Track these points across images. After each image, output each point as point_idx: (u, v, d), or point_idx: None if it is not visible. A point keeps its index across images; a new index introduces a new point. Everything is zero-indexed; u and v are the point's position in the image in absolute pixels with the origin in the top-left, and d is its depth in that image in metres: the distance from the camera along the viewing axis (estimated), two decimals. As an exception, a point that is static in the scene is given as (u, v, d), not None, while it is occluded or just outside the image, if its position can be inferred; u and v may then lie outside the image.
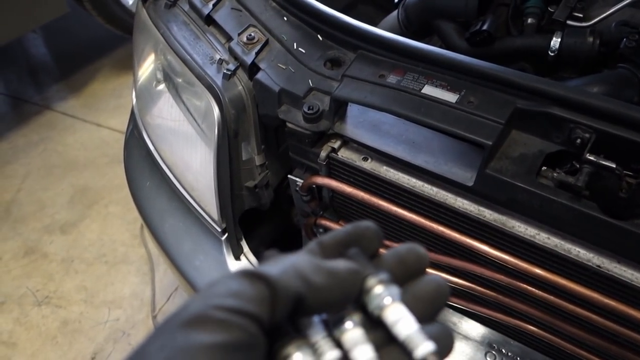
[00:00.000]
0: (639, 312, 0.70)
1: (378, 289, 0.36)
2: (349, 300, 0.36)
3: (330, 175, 0.92)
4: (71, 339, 1.90)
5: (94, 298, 2.02)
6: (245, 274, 0.33)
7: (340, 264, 0.36)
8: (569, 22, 1.00)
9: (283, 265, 0.34)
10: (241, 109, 0.96)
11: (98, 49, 3.21)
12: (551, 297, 0.79)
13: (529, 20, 1.06)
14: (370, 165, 0.88)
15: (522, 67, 1.03)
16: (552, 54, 0.95)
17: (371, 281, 0.36)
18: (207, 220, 1.07)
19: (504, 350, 0.92)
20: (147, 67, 1.28)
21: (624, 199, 0.72)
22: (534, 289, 0.80)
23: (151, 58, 1.25)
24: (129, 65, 1.28)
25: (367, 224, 0.40)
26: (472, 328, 0.95)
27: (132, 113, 1.39)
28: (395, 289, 0.36)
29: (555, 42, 0.97)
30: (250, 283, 0.32)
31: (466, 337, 0.94)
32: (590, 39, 0.95)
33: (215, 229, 1.05)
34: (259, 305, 0.32)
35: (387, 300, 0.36)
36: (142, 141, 1.29)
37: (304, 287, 0.34)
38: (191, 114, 1.12)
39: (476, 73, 0.79)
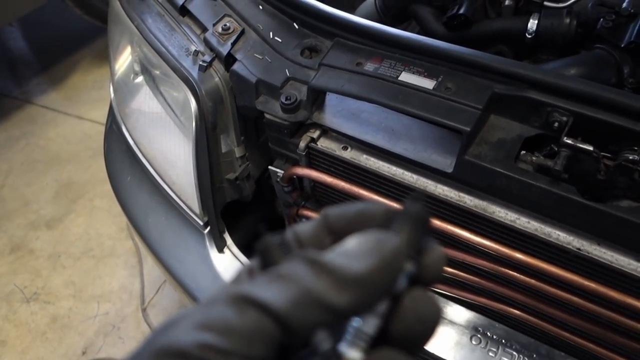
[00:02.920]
0: (619, 293, 0.71)
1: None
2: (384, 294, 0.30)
3: (310, 165, 0.92)
4: (61, 335, 1.90)
5: (82, 293, 2.01)
6: (247, 301, 0.27)
7: (363, 261, 0.29)
8: (546, 3, 0.99)
9: (294, 290, 0.27)
10: (218, 101, 0.95)
11: (77, 40, 3.17)
12: (533, 281, 0.79)
13: (506, 2, 1.05)
14: (350, 154, 0.87)
15: (500, 50, 1.02)
16: (530, 36, 0.94)
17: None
18: (188, 214, 1.06)
19: (488, 334, 0.93)
20: (124, 60, 1.26)
21: (602, 181, 0.72)
22: (516, 274, 0.80)
23: (127, 50, 1.23)
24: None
25: (378, 203, 0.35)
26: (457, 313, 0.95)
27: (111, 106, 1.37)
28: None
29: (533, 24, 0.97)
30: (255, 317, 0.27)
31: (451, 322, 0.95)
32: (567, 20, 0.94)
33: (198, 222, 1.04)
34: (262, 349, 0.26)
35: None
36: (121, 135, 1.27)
37: (325, 315, 0.27)
38: (169, 106, 1.10)
39: (453, 58, 0.79)
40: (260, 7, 0.98)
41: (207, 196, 1.00)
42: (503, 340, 0.92)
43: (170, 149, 1.10)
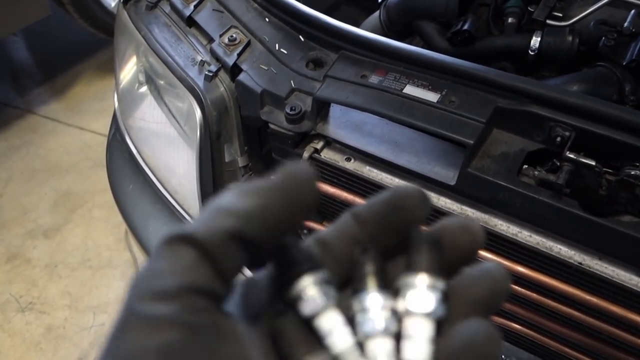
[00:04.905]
0: (620, 308, 0.71)
1: (310, 291, 0.30)
2: (293, 216, 0.30)
3: (313, 176, 0.92)
4: (56, 345, 1.88)
5: (78, 303, 2.00)
6: (165, 243, 0.28)
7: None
8: (548, 21, 1.01)
9: (207, 210, 0.29)
10: (223, 111, 0.96)
11: (80, 52, 3.18)
12: (534, 295, 0.79)
13: (510, 20, 1.06)
14: (353, 166, 0.88)
15: (503, 66, 1.03)
16: (533, 53, 0.96)
17: (305, 281, 0.31)
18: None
19: (488, 349, 0.92)
20: (129, 70, 1.27)
21: (604, 196, 0.73)
22: (517, 287, 0.80)
23: (133, 60, 1.24)
24: (111, 68, 1.27)
25: (410, 188, 0.33)
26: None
27: (114, 116, 1.37)
28: (331, 291, 0.31)
29: (535, 41, 0.98)
30: (172, 252, 0.28)
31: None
32: (570, 38, 0.96)
33: (199, 231, 1.04)
34: (191, 275, 0.27)
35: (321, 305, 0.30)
36: (124, 144, 1.28)
37: (234, 220, 0.28)
38: (173, 116, 1.11)
39: (457, 72, 0.80)
40: (267, 19, 0.99)
41: (209, 205, 1.00)
42: (503, 356, 0.92)
43: (173, 158, 1.10)
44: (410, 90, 0.81)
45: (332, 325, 0.30)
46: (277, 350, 0.30)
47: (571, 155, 0.70)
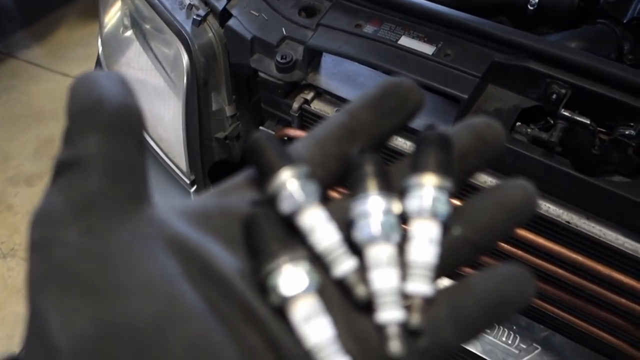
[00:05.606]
0: (605, 268, 0.71)
1: (290, 186, 0.27)
2: None
3: (302, 127, 0.91)
4: (38, 292, 1.88)
5: (61, 251, 1.98)
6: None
7: None
8: (549, -24, 0.98)
9: None
10: (211, 57, 0.93)
11: (63, -5, 3.08)
12: (520, 253, 0.79)
13: (509, -26, 1.03)
14: (343, 118, 0.86)
15: (500, 21, 1.01)
16: (532, 8, 0.93)
17: (283, 175, 0.27)
18: (175, 172, 1.05)
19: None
20: (114, 13, 1.22)
21: (596, 156, 0.72)
22: (503, 244, 0.80)
23: (118, 4, 1.20)
24: (96, 14, 1.22)
25: (401, 77, 0.30)
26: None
27: (98, 61, 1.33)
28: (314, 187, 0.28)
29: (535, -5, 0.95)
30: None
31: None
32: (570, -6, 0.93)
33: (184, 180, 1.03)
34: None
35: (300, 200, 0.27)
36: (108, 90, 1.24)
37: None
38: (160, 63, 1.08)
39: (454, 24, 0.78)
40: (259, -37, 0.95)
41: (196, 154, 0.98)
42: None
43: (158, 105, 1.07)
44: (405, 41, 0.79)
45: (314, 221, 0.27)
46: (249, 250, 0.27)
47: (566, 113, 0.69)
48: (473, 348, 0.88)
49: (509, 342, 0.89)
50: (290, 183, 0.27)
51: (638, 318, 0.74)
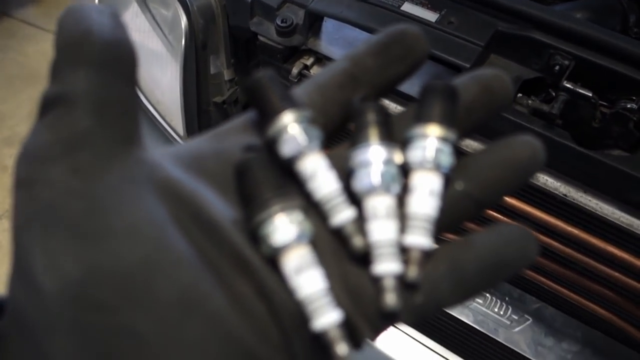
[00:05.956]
0: (600, 241, 0.72)
1: (292, 129, 0.26)
2: None
3: (301, 93, 0.90)
4: (33, 253, 1.88)
5: (56, 213, 1.98)
6: None
7: None
8: (556, -56, 0.96)
9: None
10: (210, 19, 0.91)
11: (60, -48, 3.01)
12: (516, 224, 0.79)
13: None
14: (343, 85, 0.85)
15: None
16: (537, -22, 0.91)
17: (286, 118, 0.26)
18: (172, 136, 1.04)
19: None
20: (111, -29, 1.19)
21: (596, 129, 0.72)
22: (500, 216, 0.80)
23: (116, -39, 1.17)
24: (93, -29, 1.20)
25: (406, 25, 0.29)
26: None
27: (95, 21, 1.31)
28: (316, 132, 0.27)
29: (541, -35, 0.94)
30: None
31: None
32: (577, -37, 0.92)
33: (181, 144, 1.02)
34: None
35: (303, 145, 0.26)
36: (105, 51, 1.23)
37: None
38: (158, 24, 1.06)
39: (458, -9, 0.76)
40: None
41: (192, 118, 0.97)
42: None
43: (156, 69, 1.06)
44: (408, 7, 0.77)
45: (315, 167, 0.26)
46: (242, 197, 0.26)
47: (568, 85, 0.68)
48: (465, 318, 0.89)
49: (501, 312, 0.90)
50: (292, 126, 0.26)
51: (629, 292, 0.74)
